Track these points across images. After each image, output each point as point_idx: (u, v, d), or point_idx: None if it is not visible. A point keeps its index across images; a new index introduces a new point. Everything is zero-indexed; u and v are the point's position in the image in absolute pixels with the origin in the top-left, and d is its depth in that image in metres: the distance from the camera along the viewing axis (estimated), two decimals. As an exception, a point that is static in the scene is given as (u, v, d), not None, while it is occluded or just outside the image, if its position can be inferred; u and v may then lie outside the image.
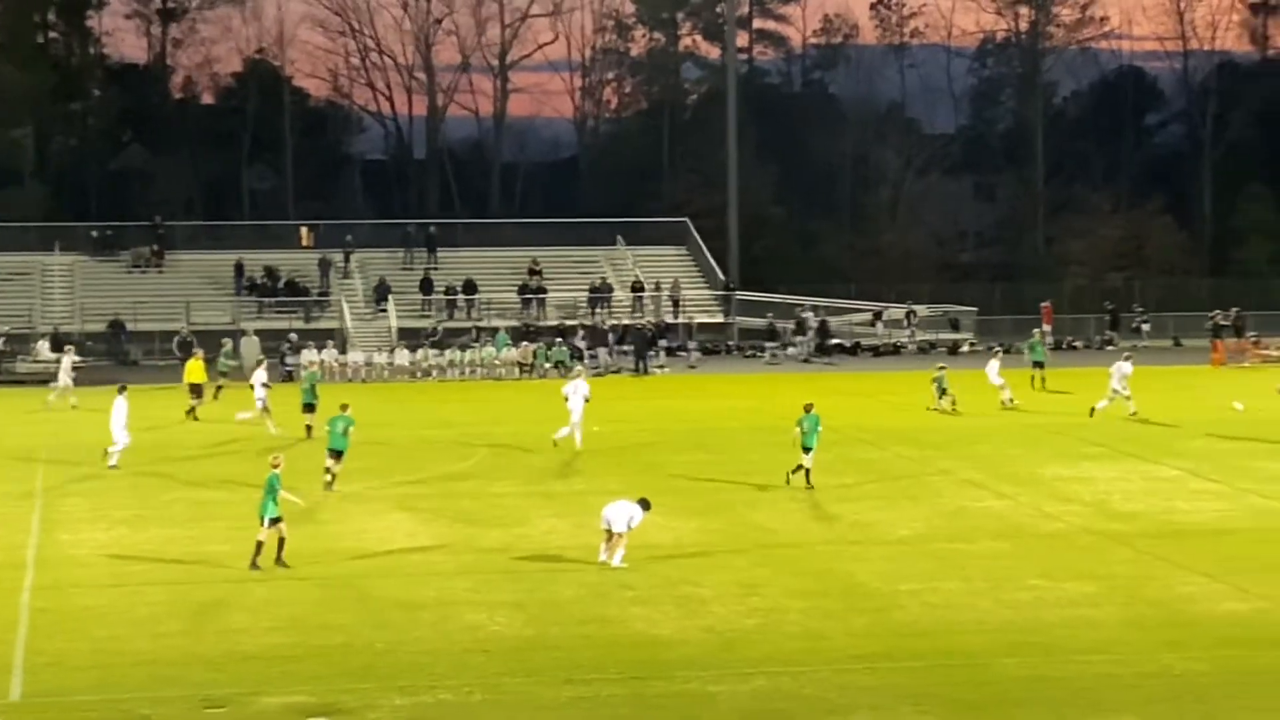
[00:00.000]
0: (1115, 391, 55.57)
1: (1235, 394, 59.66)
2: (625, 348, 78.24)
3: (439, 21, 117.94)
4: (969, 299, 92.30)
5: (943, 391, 57.05)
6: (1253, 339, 77.01)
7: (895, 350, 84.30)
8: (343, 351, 74.62)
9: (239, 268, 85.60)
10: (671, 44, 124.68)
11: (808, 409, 42.09)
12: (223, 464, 46.21)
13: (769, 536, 35.74)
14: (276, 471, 32.77)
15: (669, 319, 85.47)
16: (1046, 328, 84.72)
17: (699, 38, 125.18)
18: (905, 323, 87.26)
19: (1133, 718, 22.96)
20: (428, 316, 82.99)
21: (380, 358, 73.97)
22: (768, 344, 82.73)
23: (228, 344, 67.26)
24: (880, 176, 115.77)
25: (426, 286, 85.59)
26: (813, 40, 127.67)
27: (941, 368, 59.24)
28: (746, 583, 31.14)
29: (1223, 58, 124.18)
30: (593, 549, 33.93)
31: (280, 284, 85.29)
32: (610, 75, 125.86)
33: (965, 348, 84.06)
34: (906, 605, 29.42)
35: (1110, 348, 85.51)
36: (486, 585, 31.08)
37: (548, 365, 74.34)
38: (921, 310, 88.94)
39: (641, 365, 75.16)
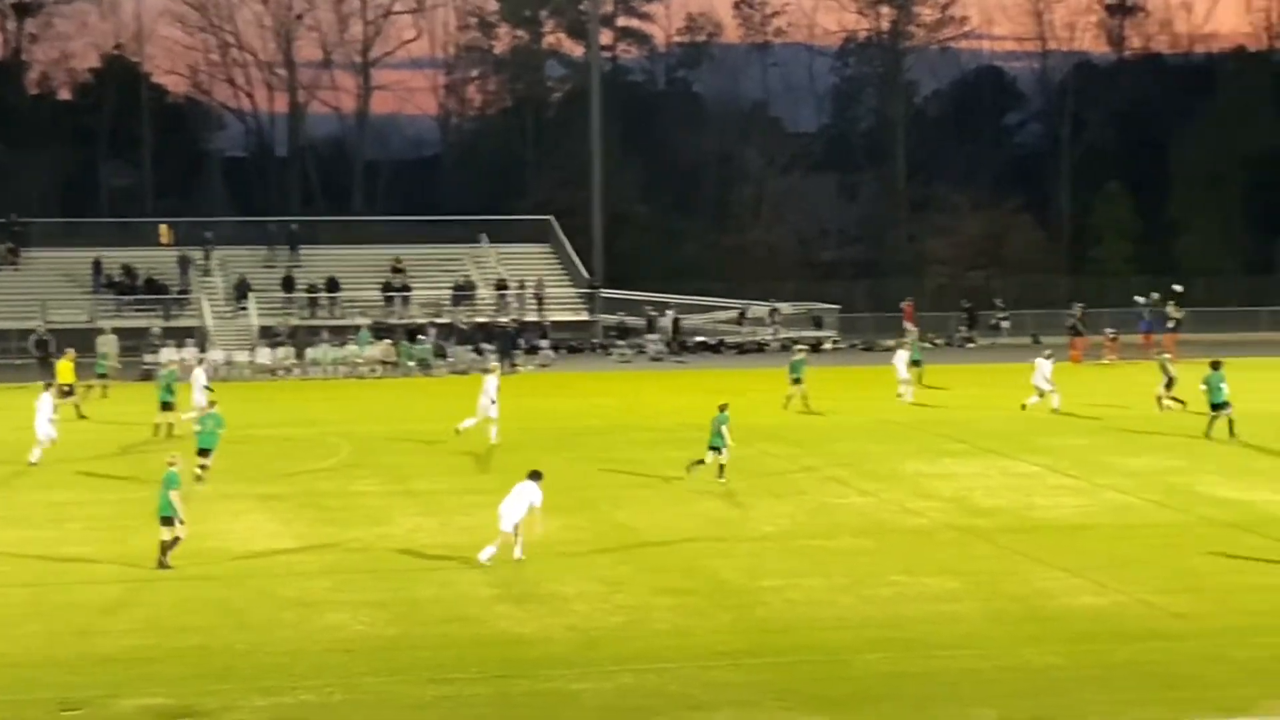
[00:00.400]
0: (1039, 388, 56.24)
1: (1093, 391, 60.41)
2: (487, 346, 77.92)
3: (300, 17, 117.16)
4: (832, 297, 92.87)
5: (796, 380, 56.98)
6: (1110, 335, 77.86)
7: (759, 348, 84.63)
8: (203, 350, 73.85)
9: (97, 265, 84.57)
10: (535, 42, 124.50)
11: (722, 408, 42.63)
12: (81, 465, 45.57)
13: (633, 534, 35.75)
14: (174, 470, 32.60)
15: (533, 317, 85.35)
16: (908, 326, 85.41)
17: (563, 35, 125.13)
18: (769, 320, 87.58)
19: (992, 711, 23.15)
20: (289, 315, 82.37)
21: (241, 356, 73.34)
22: (619, 342, 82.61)
23: (106, 344, 66.48)
24: (744, 175, 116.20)
25: (288, 284, 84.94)
26: (676, 39, 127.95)
27: (801, 349, 59.80)
28: (611, 580, 31.15)
29: (1081, 58, 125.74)
30: (457, 547, 33.83)
31: (139, 282, 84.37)
32: (474, 73, 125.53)
33: (828, 345, 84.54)
34: (770, 602, 29.53)
35: (970, 345, 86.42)
36: (349, 585, 30.89)
37: (410, 363, 74.01)
38: (785, 308, 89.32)
39: (506, 363, 74.93)
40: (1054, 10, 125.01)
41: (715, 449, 41.92)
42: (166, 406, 51.15)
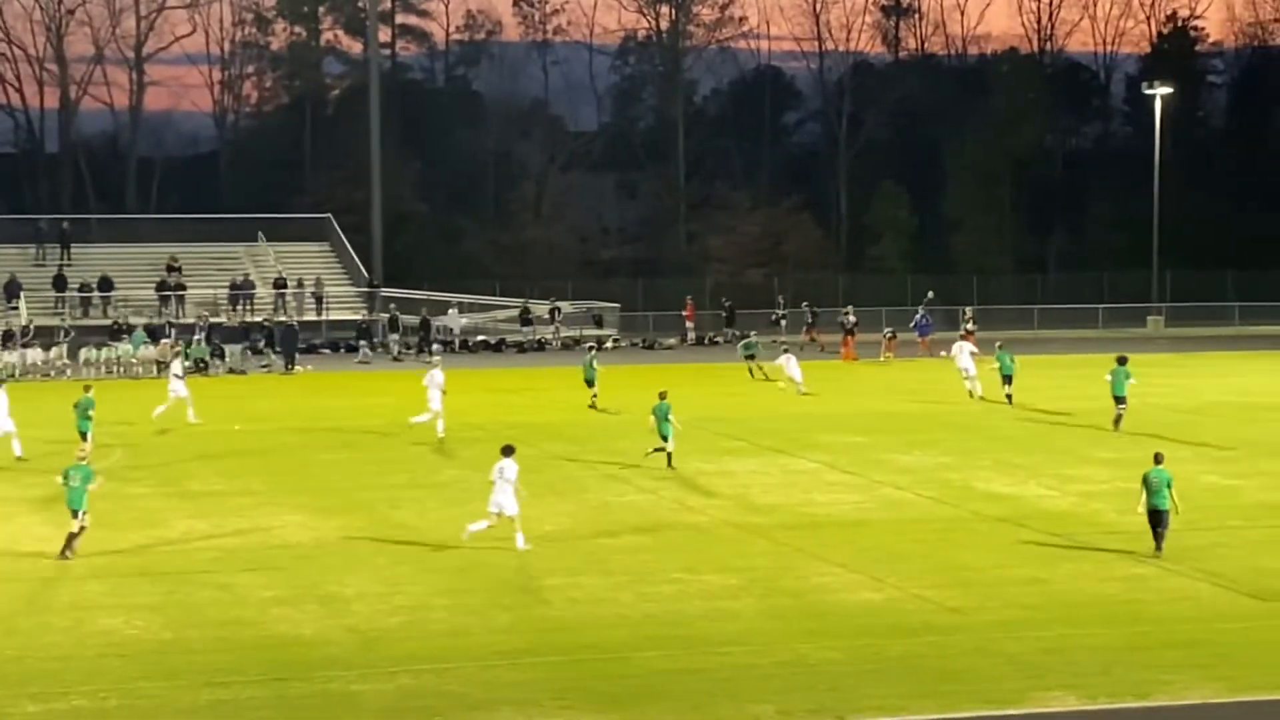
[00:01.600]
0: (966, 372, 58.85)
1: (871, 389, 61.29)
2: (263, 346, 77.11)
3: (71, 12, 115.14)
4: (612, 295, 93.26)
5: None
6: (888, 334, 79.05)
7: (540, 346, 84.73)
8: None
9: None
10: (313, 38, 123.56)
11: (662, 396, 44.00)
12: None
13: (412, 534, 35.59)
14: (84, 463, 33.06)
15: (312, 316, 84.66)
16: (690, 324, 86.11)
17: (340, 32, 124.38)
18: (550, 319, 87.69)
19: (769, 707, 23.34)
20: (60, 314, 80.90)
21: (11, 356, 71.84)
22: (360, 342, 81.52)
23: None
24: (523, 173, 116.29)
25: (60, 283, 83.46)
26: (456, 36, 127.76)
27: (592, 347, 60.77)
28: (389, 580, 30.98)
29: (858, 59, 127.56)
30: (232, 549, 33.48)
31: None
32: (250, 69, 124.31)
33: (609, 344, 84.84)
34: (550, 600, 29.54)
35: (728, 342, 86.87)
36: (122, 588, 30.40)
37: (188, 363, 72.99)
38: (566, 306, 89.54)
39: (288, 363, 74.26)
40: (831, 11, 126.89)
41: (665, 436, 43.07)
42: None
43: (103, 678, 24.74)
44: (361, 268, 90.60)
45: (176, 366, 55.50)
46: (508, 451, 34.09)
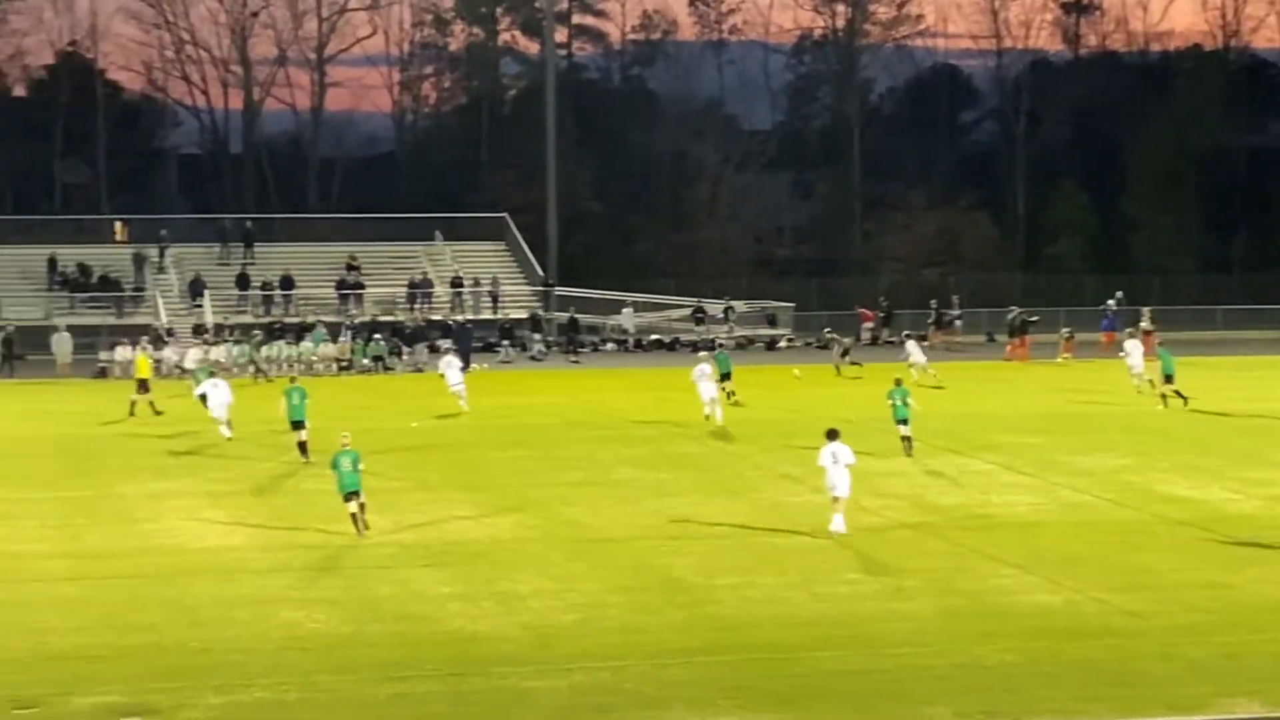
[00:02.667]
0: (1134, 369, 59.47)
1: (1048, 389, 60.64)
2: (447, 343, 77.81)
3: (255, 14, 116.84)
4: (786, 294, 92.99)
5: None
6: (1066, 334, 78.19)
7: (713, 346, 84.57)
8: (157, 348, 73.51)
9: (52, 262, 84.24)
10: (490, 39, 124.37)
11: (898, 382, 46.13)
12: (27, 464, 45.42)
13: (586, 532, 35.74)
14: (347, 446, 34.95)
15: (488, 315, 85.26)
16: (867, 325, 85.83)
17: (518, 33, 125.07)
18: (724, 318, 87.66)
19: (944, 709, 23.19)
20: (244, 312, 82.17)
21: (196, 354, 72.97)
22: (502, 342, 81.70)
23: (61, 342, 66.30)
24: (698, 172, 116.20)
25: (243, 282, 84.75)
26: (631, 36, 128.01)
27: (721, 344, 61.01)
28: (564, 578, 31.12)
29: (1036, 56, 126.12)
30: (410, 545, 33.85)
31: (93, 279, 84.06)
32: (429, 70, 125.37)
33: (782, 343, 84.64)
34: (723, 599, 29.53)
35: (888, 343, 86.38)
36: (303, 582, 30.82)
37: (365, 360, 73.90)
38: (739, 306, 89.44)
39: (465, 362, 74.73)
40: (1009, 9, 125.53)
41: (903, 420, 45.00)
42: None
43: (284, 670, 25.10)
44: (537, 267, 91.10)
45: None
46: (833, 435, 34.99)
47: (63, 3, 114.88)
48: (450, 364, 58.59)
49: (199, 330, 76.74)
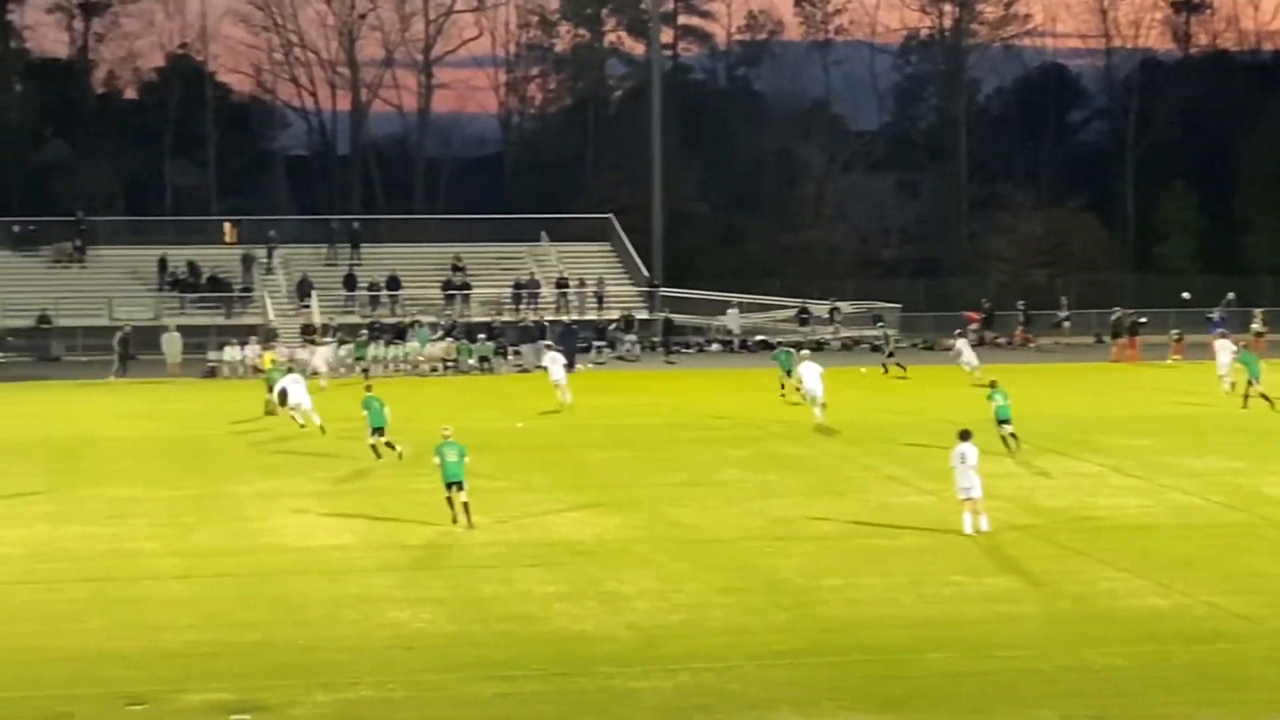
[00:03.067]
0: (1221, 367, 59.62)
1: (1157, 391, 60.09)
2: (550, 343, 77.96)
3: (363, 17, 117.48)
4: (892, 295, 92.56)
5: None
6: (1176, 336, 77.43)
7: (819, 346, 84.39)
8: (266, 347, 74.06)
9: (162, 263, 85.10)
10: (596, 40, 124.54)
11: (994, 384, 46.88)
12: (139, 462, 45.90)
13: (691, 533, 35.74)
14: (449, 438, 36.03)
15: (593, 315, 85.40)
16: (974, 326, 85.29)
17: (624, 34, 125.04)
18: (829, 319, 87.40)
19: (1051, 713, 23.04)
20: (350, 313, 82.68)
21: (303, 354, 73.52)
22: (596, 342, 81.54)
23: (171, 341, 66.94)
24: (804, 173, 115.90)
25: (350, 283, 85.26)
26: (737, 37, 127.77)
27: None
28: (669, 579, 31.13)
29: (1146, 55, 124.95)
30: (513, 546, 33.97)
31: (203, 280, 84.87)
32: (535, 71, 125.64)
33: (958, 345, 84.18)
34: (829, 601, 29.46)
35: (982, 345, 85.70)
36: (409, 582, 30.98)
37: (471, 361, 74.19)
38: (845, 307, 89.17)
39: (569, 362, 74.79)
40: (1118, 7, 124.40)
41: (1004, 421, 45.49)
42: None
43: (390, 669, 25.25)
44: (642, 267, 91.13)
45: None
46: (965, 436, 35.28)
47: (173, 6, 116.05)
48: (554, 360, 59.33)
49: (307, 330, 77.30)
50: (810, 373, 53.33)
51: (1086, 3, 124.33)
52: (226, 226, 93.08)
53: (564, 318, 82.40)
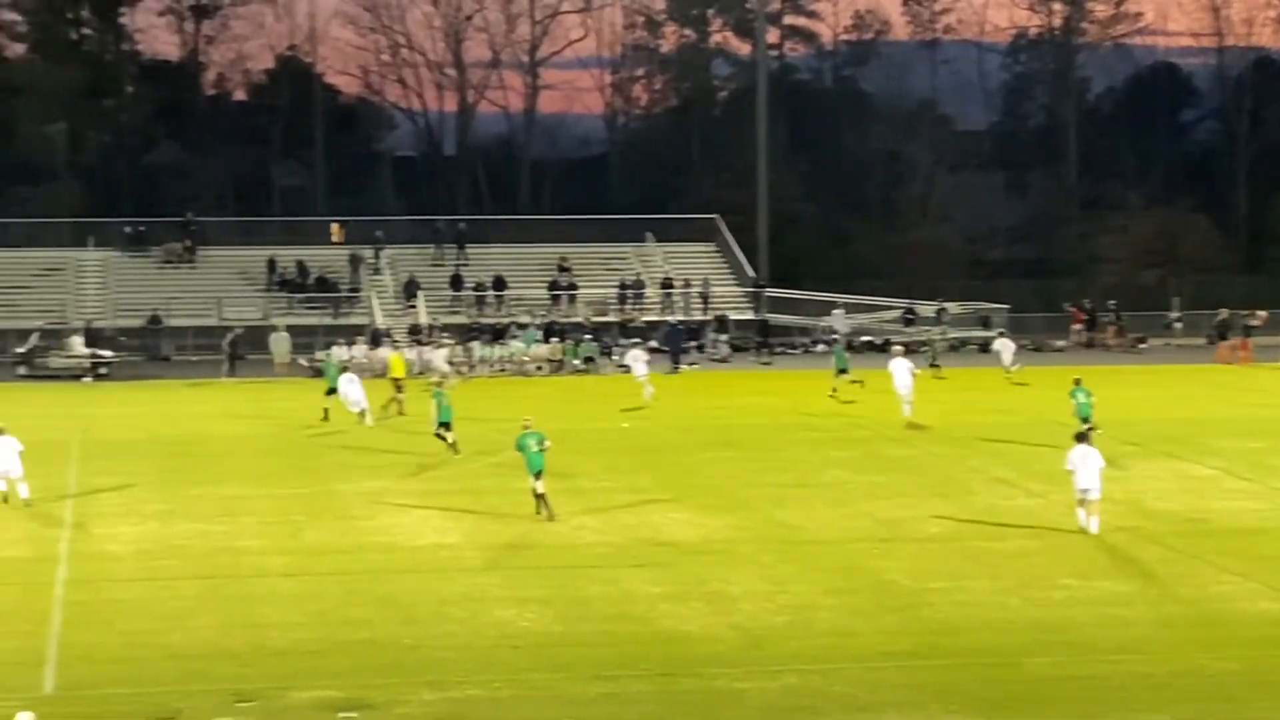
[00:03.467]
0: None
1: (1267, 393, 59.42)
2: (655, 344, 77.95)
3: (469, 18, 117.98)
4: (1000, 296, 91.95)
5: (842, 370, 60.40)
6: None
7: (909, 347, 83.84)
8: (373, 347, 74.43)
9: (271, 264, 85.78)
10: (702, 40, 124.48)
11: (1078, 382, 47.19)
12: (248, 461, 46.27)
13: (797, 534, 35.65)
14: (530, 429, 37.01)
15: (698, 316, 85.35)
16: (1077, 327, 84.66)
17: (730, 34, 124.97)
18: (936, 319, 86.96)
19: (1163, 717, 22.84)
20: (457, 313, 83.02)
21: (410, 354, 73.80)
22: (690, 343, 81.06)
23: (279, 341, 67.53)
24: (911, 173, 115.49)
25: (456, 283, 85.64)
26: (844, 36, 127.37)
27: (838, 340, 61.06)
28: (775, 580, 31.06)
29: (1259, 54, 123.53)
30: (618, 546, 34.00)
31: (310, 280, 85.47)
32: (640, 71, 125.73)
33: (995, 345, 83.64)
34: (936, 603, 29.30)
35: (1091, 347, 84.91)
36: (515, 581, 31.04)
37: (576, 361, 74.30)
38: (952, 307, 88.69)
39: (674, 363, 74.75)
40: (1231, 5, 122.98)
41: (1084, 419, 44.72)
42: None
43: (496, 668, 25.32)
44: (748, 268, 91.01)
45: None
46: (1083, 438, 35.52)
47: (283, 8, 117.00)
48: (636, 358, 60.74)
49: (414, 330, 77.71)
50: (900, 370, 53.48)
51: (1199, 1, 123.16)
52: (334, 227, 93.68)
53: (669, 318, 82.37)
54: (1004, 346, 68.04)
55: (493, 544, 34.49)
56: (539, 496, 36.63)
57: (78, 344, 73.15)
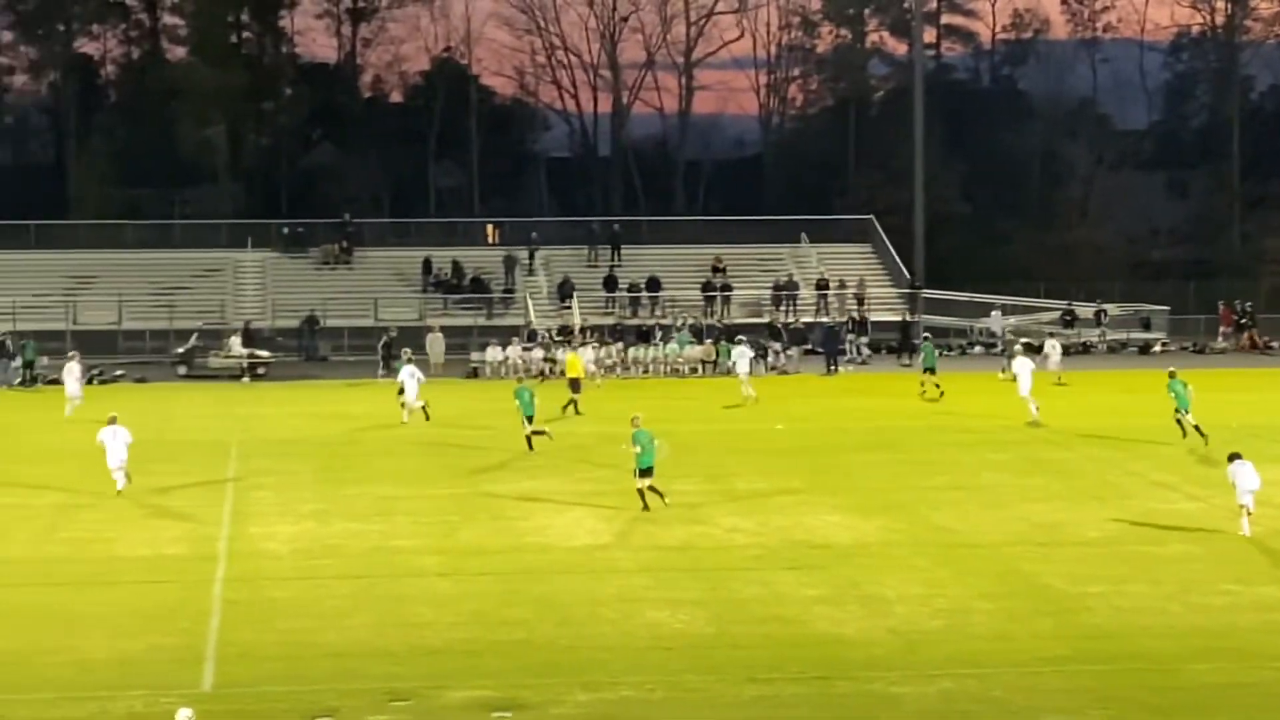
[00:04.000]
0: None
1: None
2: (807, 346, 77.63)
3: (625, 19, 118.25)
4: (1161, 297, 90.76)
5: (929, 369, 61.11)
6: None
7: (1085, 350, 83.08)
8: (527, 348, 74.73)
9: (426, 264, 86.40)
10: (858, 40, 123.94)
11: (1173, 374, 48.62)
12: (403, 461, 46.57)
13: (952, 537, 35.35)
14: (640, 427, 38.27)
15: (853, 317, 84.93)
16: (1225, 329, 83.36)
17: (886, 34, 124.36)
18: (1095, 321, 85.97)
19: (1330, 726, 22.44)
20: (610, 314, 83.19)
21: (562, 355, 74.01)
22: (774, 343, 79.95)
23: (434, 342, 68.05)
24: (1070, 173, 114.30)
25: (610, 284, 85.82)
26: (1002, 35, 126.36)
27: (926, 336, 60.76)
28: (930, 583, 30.82)
29: None
30: (772, 548, 33.90)
31: (465, 281, 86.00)
32: (796, 72, 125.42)
33: (1157, 348, 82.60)
34: (1094, 608, 28.94)
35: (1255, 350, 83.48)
36: (668, 583, 31.02)
37: (730, 362, 74.12)
38: (1112, 309, 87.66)
39: (831, 364, 74.32)
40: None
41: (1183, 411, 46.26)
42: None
43: (649, 669, 25.30)
44: (904, 269, 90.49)
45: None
46: (1236, 457, 35.53)
47: (439, 10, 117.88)
48: (742, 354, 63.04)
49: (564, 331, 77.92)
50: (1024, 370, 53.36)
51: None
52: (489, 228, 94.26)
53: (824, 319, 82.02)
54: (1053, 350, 67.05)
55: (646, 545, 34.50)
56: (648, 492, 37.77)
57: (236, 344, 74.03)
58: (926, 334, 71.28)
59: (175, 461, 45.72)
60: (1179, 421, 47.72)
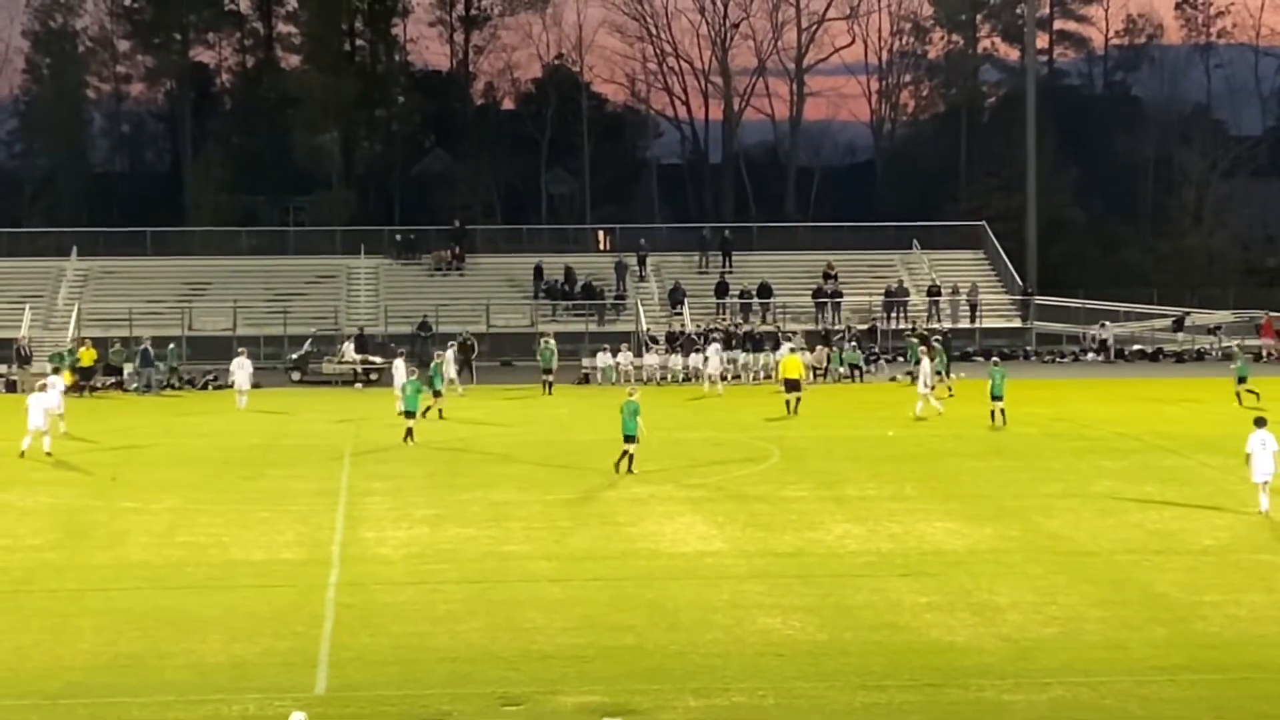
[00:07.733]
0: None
1: None
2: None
3: (735, 26, 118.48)
4: (1276, 304, 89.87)
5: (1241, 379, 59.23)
6: None
7: (1199, 356, 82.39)
8: (638, 354, 74.95)
9: (538, 271, 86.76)
10: (970, 46, 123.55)
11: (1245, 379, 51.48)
12: (515, 466, 46.78)
13: (1065, 544, 35.13)
14: (634, 399, 44.01)
15: (966, 324, 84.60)
16: (1270, 341, 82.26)
17: (998, 39, 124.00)
18: (1210, 329, 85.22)
19: None
20: (722, 320, 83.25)
21: (674, 360, 74.16)
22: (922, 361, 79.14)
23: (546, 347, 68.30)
24: (1183, 179, 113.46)
25: (721, 290, 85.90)
26: (1115, 41, 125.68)
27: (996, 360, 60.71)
28: (1043, 591, 30.65)
29: None
30: (886, 554, 33.80)
31: (577, 287, 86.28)
32: (907, 78, 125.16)
33: (1272, 354, 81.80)
34: (1209, 617, 28.69)
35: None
36: (779, 589, 31.00)
37: (841, 369, 74.02)
38: (1226, 316, 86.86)
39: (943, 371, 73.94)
40: None
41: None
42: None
43: (761, 676, 25.30)
44: (1016, 275, 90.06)
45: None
46: (1261, 423, 36.99)
47: (551, 18, 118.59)
48: (715, 351, 66.52)
49: (671, 338, 78.03)
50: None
51: None
52: (600, 234, 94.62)
53: (937, 325, 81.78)
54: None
55: (757, 551, 34.50)
56: (625, 457, 43.63)
57: (349, 350, 74.66)
58: (996, 358, 69.45)
59: (290, 466, 46.23)
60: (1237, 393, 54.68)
